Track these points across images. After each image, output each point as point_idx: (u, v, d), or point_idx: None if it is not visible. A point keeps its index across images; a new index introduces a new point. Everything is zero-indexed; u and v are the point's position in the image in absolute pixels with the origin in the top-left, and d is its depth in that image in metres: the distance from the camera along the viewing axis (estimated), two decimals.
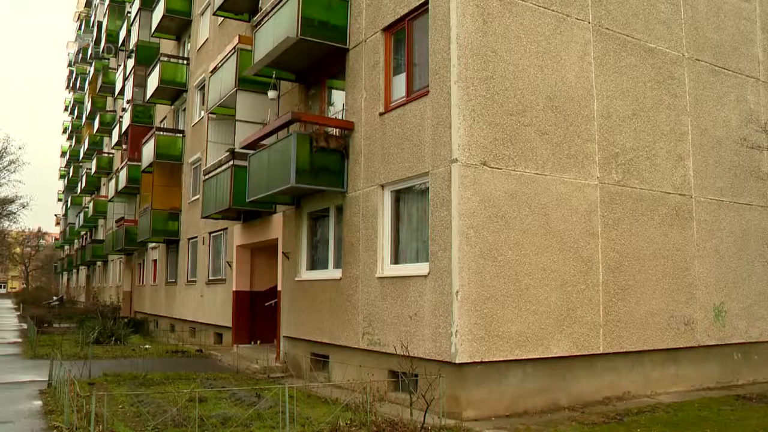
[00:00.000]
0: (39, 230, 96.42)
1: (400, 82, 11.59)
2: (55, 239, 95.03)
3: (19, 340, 22.50)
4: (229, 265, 18.86)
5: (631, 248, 11.64)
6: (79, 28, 63.20)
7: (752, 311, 13.62)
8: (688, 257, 12.56)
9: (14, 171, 51.64)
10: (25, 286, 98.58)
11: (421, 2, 10.86)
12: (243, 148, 15.13)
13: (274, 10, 13.78)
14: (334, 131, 12.68)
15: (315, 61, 13.90)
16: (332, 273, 13.20)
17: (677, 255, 12.36)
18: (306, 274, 14.43)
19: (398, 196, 11.48)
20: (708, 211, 13.03)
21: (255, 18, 15.08)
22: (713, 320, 12.86)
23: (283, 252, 15.07)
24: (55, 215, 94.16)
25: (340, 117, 13.20)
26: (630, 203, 11.73)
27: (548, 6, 11.06)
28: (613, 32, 11.93)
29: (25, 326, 28.04)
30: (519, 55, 10.58)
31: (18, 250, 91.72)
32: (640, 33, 12.36)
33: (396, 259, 11.40)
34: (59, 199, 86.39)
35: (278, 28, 13.47)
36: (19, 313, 41.77)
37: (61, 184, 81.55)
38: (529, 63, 10.69)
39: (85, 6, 60.97)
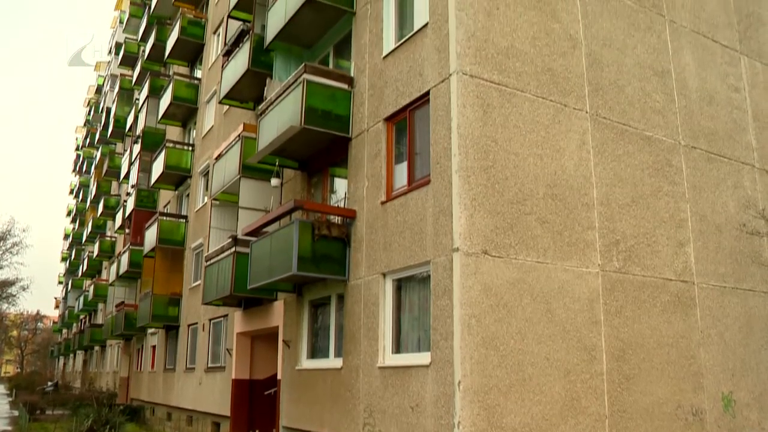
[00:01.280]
0: (37, 313, 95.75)
1: (401, 171, 11.76)
2: (54, 323, 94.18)
3: (9, 428, 21.99)
4: (229, 353, 18.63)
5: (635, 336, 11.52)
6: (89, 114, 64.59)
7: (764, 401, 13.34)
8: (693, 345, 12.41)
9: (17, 253, 51.69)
10: (19, 370, 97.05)
11: (422, 93, 11.14)
12: (245, 234, 15.21)
13: (279, 99, 14.12)
14: (336, 219, 12.78)
15: (318, 150, 14.15)
16: (333, 362, 13.03)
17: (682, 342, 12.22)
18: (306, 363, 14.24)
19: (400, 285, 11.46)
20: (711, 298, 12.96)
21: (260, 107, 15.44)
22: (723, 410, 12.59)
23: (283, 340, 14.92)
24: (55, 298, 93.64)
25: (342, 205, 13.33)
26: (632, 290, 11.68)
27: (546, 96, 11.33)
28: (611, 121, 12.18)
29: (17, 413, 27.46)
30: (519, 144, 10.76)
31: (15, 333, 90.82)
32: (637, 122, 12.61)
33: (397, 349, 11.27)
34: (60, 282, 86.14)
35: (282, 117, 13.77)
36: (11, 399, 41.00)
37: (62, 267, 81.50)
38: (529, 152, 10.86)
39: (96, 93, 62.51)
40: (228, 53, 18.88)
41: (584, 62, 12.08)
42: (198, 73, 27.53)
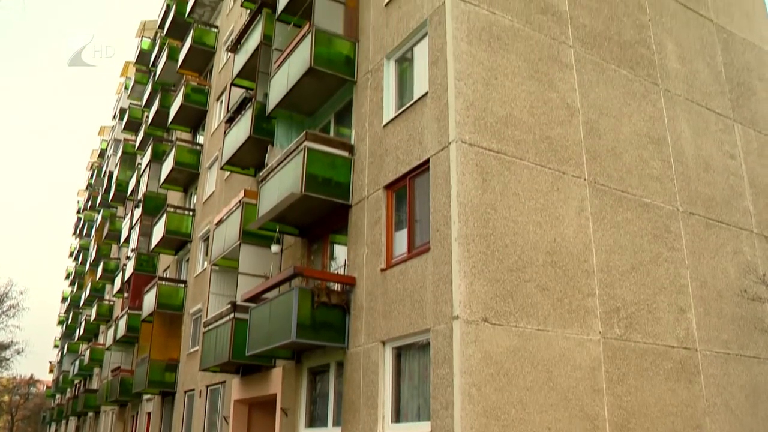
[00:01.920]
0: (31, 377, 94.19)
1: (401, 238, 11.80)
2: (47, 387, 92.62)
3: None
4: (226, 421, 18.30)
5: (638, 405, 11.34)
6: (91, 177, 65.07)
7: None
8: (699, 414, 12.20)
9: (13, 316, 51.27)
10: None
11: (422, 161, 11.27)
12: (245, 301, 15.14)
13: (280, 166, 14.27)
14: (336, 286, 12.75)
15: (318, 217, 14.23)
16: (332, 431, 12.79)
17: (686, 411, 12.02)
18: None
19: (399, 353, 11.35)
20: (715, 365, 12.81)
21: (261, 173, 15.59)
22: None
23: (282, 408, 14.68)
24: (50, 362, 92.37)
25: (342, 272, 13.32)
26: (634, 358, 11.55)
27: (545, 164, 11.46)
28: (609, 188, 12.28)
29: None
30: (518, 211, 10.83)
31: (6, 398, 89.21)
32: (635, 189, 12.72)
33: (397, 417, 11.09)
34: (55, 346, 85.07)
35: (283, 184, 13.89)
36: None
37: (58, 331, 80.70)
38: (528, 219, 10.92)
39: (99, 157, 63.13)
40: (230, 120, 19.18)
41: (582, 130, 12.27)
42: (200, 139, 27.89)
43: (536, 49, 12.22)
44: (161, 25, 35.98)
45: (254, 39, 18.15)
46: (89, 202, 59.88)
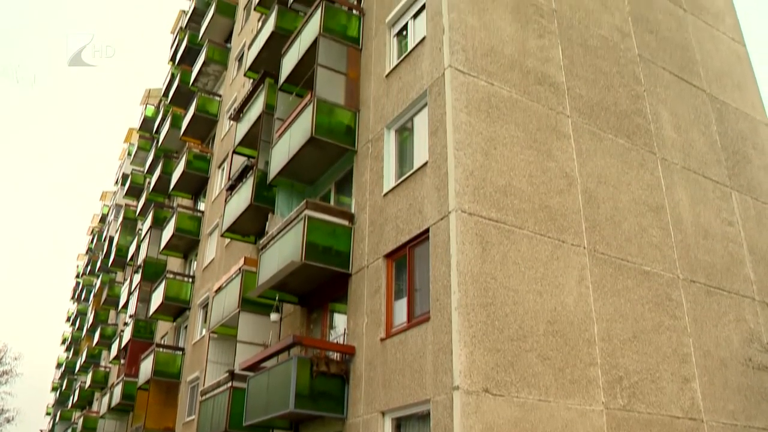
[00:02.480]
0: None
1: (401, 308, 11.74)
2: None
3: None
4: None
5: None
6: (91, 242, 65.13)
7: None
8: None
9: (6, 383, 50.32)
10: None
11: (421, 231, 11.32)
12: (243, 369, 14.96)
13: (280, 234, 14.31)
14: (335, 356, 12.63)
15: (318, 285, 14.20)
16: None
17: None
18: None
19: (399, 423, 11.15)
20: None
21: (261, 241, 15.62)
22: None
23: None
24: (41, 430, 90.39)
25: (341, 341, 13.21)
26: (638, 429, 11.33)
27: (544, 233, 11.50)
28: (609, 257, 12.29)
29: None
30: (518, 280, 10.82)
31: None
32: (635, 257, 12.72)
33: None
34: (47, 413, 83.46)
35: (283, 252, 13.91)
36: None
37: (52, 397, 79.31)
38: (528, 288, 10.90)
39: (99, 222, 63.35)
40: (231, 188, 19.34)
41: (580, 199, 12.36)
42: (201, 206, 28.05)
43: (534, 119, 12.43)
44: (165, 93, 36.71)
45: (256, 108, 18.48)
46: (89, 267, 59.74)
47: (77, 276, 74.27)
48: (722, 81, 17.25)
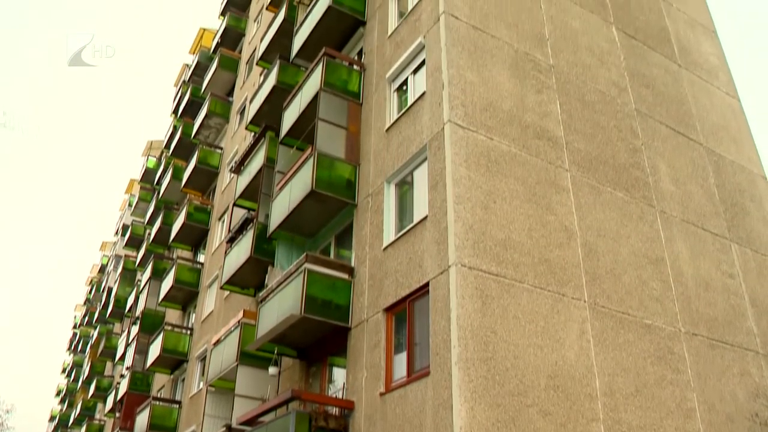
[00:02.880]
0: None
1: (401, 362, 11.64)
2: None
3: None
4: None
5: None
6: (90, 293, 64.87)
7: None
8: None
9: None
10: None
11: (421, 285, 11.30)
12: (240, 424, 14.73)
13: (280, 287, 14.27)
14: (334, 411, 12.46)
15: (317, 339, 14.10)
16: None
17: None
18: None
19: None
20: None
21: (260, 294, 15.57)
22: None
23: None
24: None
25: (340, 396, 13.05)
26: None
27: (544, 286, 11.48)
28: (609, 310, 12.23)
29: None
30: (518, 335, 10.74)
31: None
32: (636, 310, 12.66)
33: None
34: None
35: (283, 305, 13.84)
36: None
37: None
38: (529, 342, 10.82)
39: (99, 272, 63.21)
40: (231, 240, 19.37)
41: (580, 252, 12.36)
42: (201, 258, 28.03)
43: (533, 173, 12.53)
44: (167, 145, 37.06)
45: (257, 161, 18.63)
46: (86, 318, 59.37)
47: (74, 327, 73.70)
48: (718, 134, 17.44)
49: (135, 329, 31.85)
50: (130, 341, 32.52)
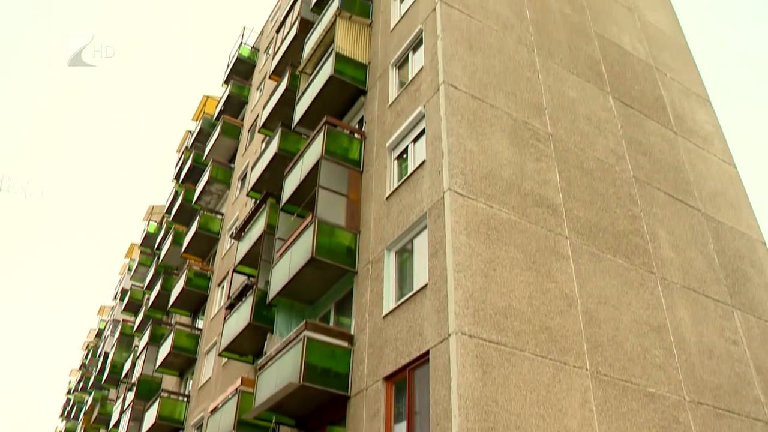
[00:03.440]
0: None
1: (401, 431, 11.43)
2: None
3: None
4: None
5: None
6: (86, 357, 64.11)
7: None
8: None
9: None
10: None
11: (421, 353, 11.19)
12: None
13: (279, 355, 14.13)
14: None
15: (316, 407, 13.87)
16: None
17: None
18: None
19: None
20: None
21: (259, 361, 15.39)
22: None
23: None
24: None
25: None
26: None
27: (545, 355, 11.36)
28: (612, 378, 12.08)
29: None
30: (520, 404, 10.58)
31: None
32: (639, 378, 12.50)
33: None
34: None
35: (281, 373, 13.68)
36: None
37: None
38: (530, 412, 10.65)
39: (96, 337, 62.63)
40: (231, 306, 19.28)
41: (581, 320, 12.29)
42: (199, 324, 27.83)
43: (533, 240, 12.57)
44: (168, 210, 37.24)
45: (258, 228, 18.71)
46: (81, 383, 58.48)
47: (68, 392, 72.56)
48: (716, 201, 17.57)
49: (131, 396, 31.35)
50: (125, 408, 31.94)
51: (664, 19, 22.23)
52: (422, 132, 13.95)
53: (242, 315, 17.85)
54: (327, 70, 17.39)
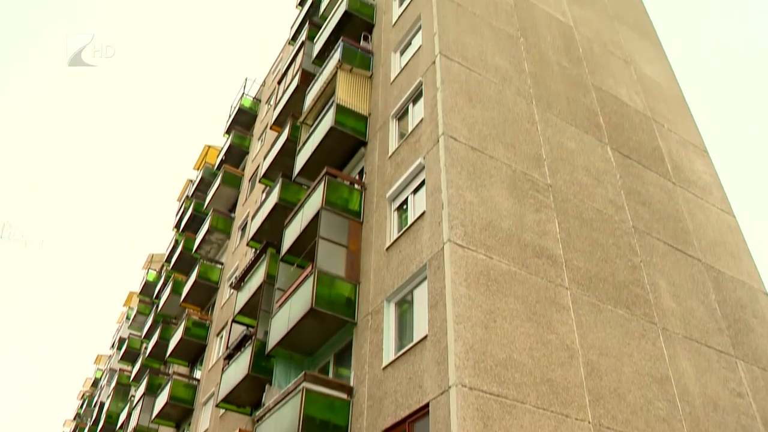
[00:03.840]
0: None
1: None
2: None
3: None
4: None
5: None
6: (81, 407, 63.24)
7: None
8: None
9: None
10: None
11: (421, 405, 11.05)
12: None
13: (277, 406, 13.96)
14: None
15: None
16: None
17: None
18: None
19: None
20: None
21: (257, 413, 15.20)
22: None
23: None
24: None
25: None
26: None
27: (547, 407, 11.22)
28: (615, 431, 11.91)
29: None
30: None
31: None
32: (642, 431, 12.32)
33: None
34: None
35: (280, 425, 13.51)
36: None
37: None
38: None
39: (92, 386, 61.89)
40: (229, 357, 19.12)
41: (582, 371, 12.18)
42: (197, 374, 27.55)
43: (533, 291, 12.54)
44: (168, 259, 37.22)
45: (257, 277, 18.68)
46: None
47: None
48: (716, 250, 17.56)
49: None
50: None
51: (660, 71, 22.58)
52: (422, 183, 14.04)
53: (241, 365, 17.68)
54: (328, 121, 17.59)
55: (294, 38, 27.94)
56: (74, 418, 66.08)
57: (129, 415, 33.40)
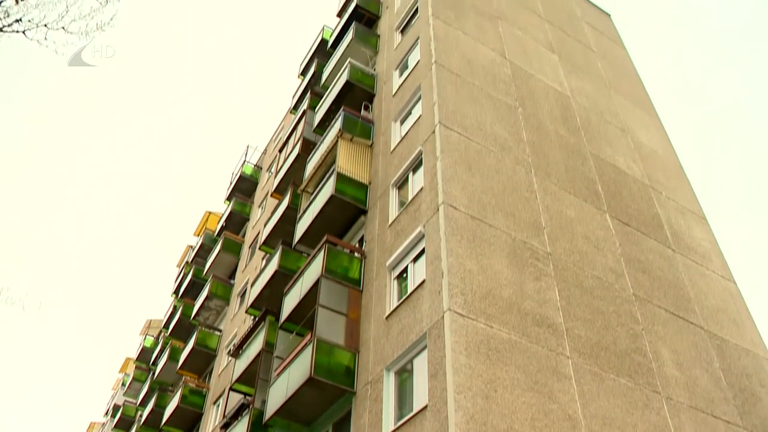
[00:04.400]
0: None
1: None
2: None
3: None
4: None
5: None
6: None
7: None
8: None
9: None
10: None
11: None
12: None
13: None
14: None
15: None
16: None
17: None
18: None
19: None
20: None
21: None
22: None
23: None
24: None
25: None
26: None
27: None
28: None
29: None
30: None
31: None
32: None
33: None
34: None
35: None
36: None
37: None
38: None
39: None
40: (226, 426, 18.79)
41: None
42: None
43: (534, 360, 12.41)
44: (166, 325, 36.95)
45: (256, 345, 18.51)
46: None
47: None
48: (718, 317, 17.45)
49: None
50: None
51: (657, 139, 22.92)
52: (422, 251, 14.07)
53: None
54: (328, 189, 17.75)
55: (296, 107, 28.48)
56: None
57: None
